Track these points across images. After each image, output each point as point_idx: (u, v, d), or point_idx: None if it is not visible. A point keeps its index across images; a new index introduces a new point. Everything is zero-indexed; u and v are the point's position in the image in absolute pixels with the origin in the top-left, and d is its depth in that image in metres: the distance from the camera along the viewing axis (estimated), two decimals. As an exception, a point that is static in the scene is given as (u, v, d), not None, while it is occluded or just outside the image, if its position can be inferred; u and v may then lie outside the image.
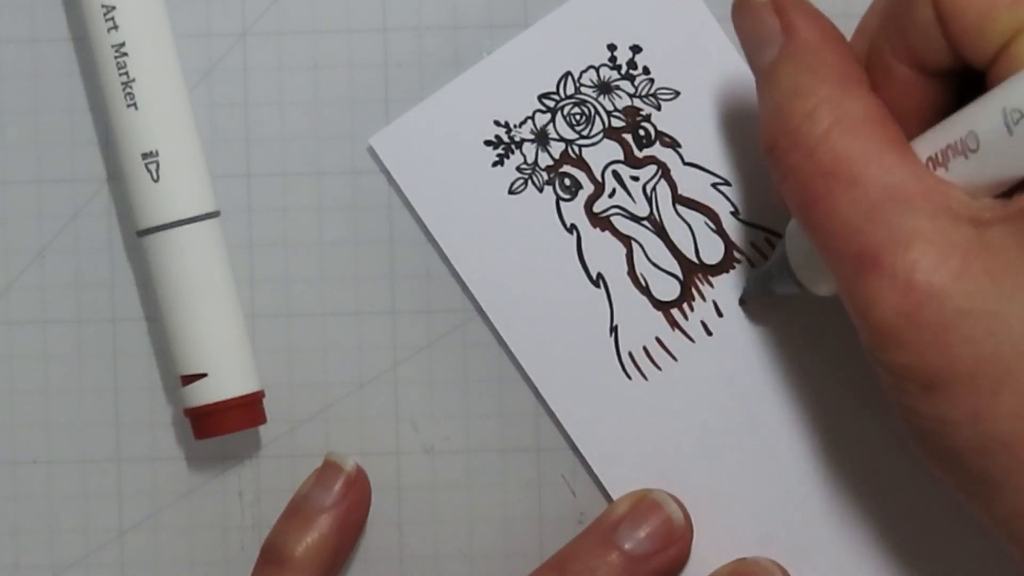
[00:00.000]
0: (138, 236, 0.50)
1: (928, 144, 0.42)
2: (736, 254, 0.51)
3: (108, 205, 0.52)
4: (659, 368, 0.51)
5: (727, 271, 0.51)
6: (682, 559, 0.50)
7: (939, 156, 0.42)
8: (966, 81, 0.42)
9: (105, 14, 0.49)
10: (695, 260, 0.51)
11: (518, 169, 0.51)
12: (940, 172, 0.42)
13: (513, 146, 0.51)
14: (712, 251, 0.51)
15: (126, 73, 0.49)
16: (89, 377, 0.52)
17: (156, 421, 0.52)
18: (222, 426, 0.50)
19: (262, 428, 0.52)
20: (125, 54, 0.49)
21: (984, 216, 0.40)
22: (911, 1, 0.42)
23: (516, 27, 0.51)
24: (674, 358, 0.51)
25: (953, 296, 0.40)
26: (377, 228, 0.51)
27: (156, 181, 0.49)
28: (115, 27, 0.49)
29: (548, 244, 0.51)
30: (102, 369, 0.52)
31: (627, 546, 0.49)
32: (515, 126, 0.51)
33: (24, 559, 0.52)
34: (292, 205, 0.52)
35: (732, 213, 0.51)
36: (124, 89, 0.49)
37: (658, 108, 0.51)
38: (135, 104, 0.49)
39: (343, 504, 0.50)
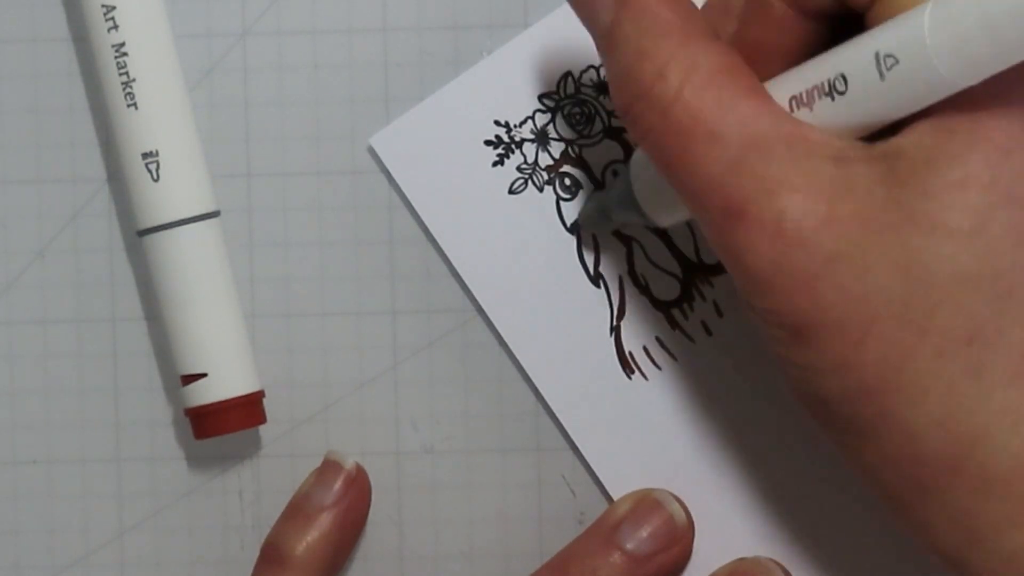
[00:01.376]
0: (138, 236, 0.50)
1: (793, 83, 0.41)
2: None
3: (108, 205, 0.52)
4: (659, 368, 0.51)
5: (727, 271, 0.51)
6: (684, 559, 0.50)
7: (804, 96, 0.41)
8: (843, 24, 0.42)
9: (105, 14, 0.49)
10: (695, 260, 0.51)
11: (518, 169, 0.51)
12: (803, 112, 0.41)
13: (513, 146, 0.51)
14: (712, 251, 0.51)
15: (126, 73, 0.49)
16: (89, 377, 0.52)
17: (156, 421, 0.52)
18: (222, 426, 0.50)
19: (262, 428, 0.52)
20: (125, 54, 0.49)
21: (848, 155, 0.40)
22: None
23: (516, 27, 0.51)
24: (674, 358, 0.51)
25: (822, 242, 0.40)
26: (377, 228, 0.51)
27: (156, 181, 0.49)
28: (115, 27, 0.49)
29: (548, 244, 0.51)
30: (102, 369, 0.52)
31: (629, 546, 0.49)
32: (515, 126, 0.51)
33: (24, 559, 0.52)
34: (292, 205, 0.52)
35: None
36: (124, 89, 0.49)
37: None
38: (135, 104, 0.49)
39: (343, 503, 0.50)
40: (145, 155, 0.49)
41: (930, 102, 0.39)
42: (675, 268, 0.51)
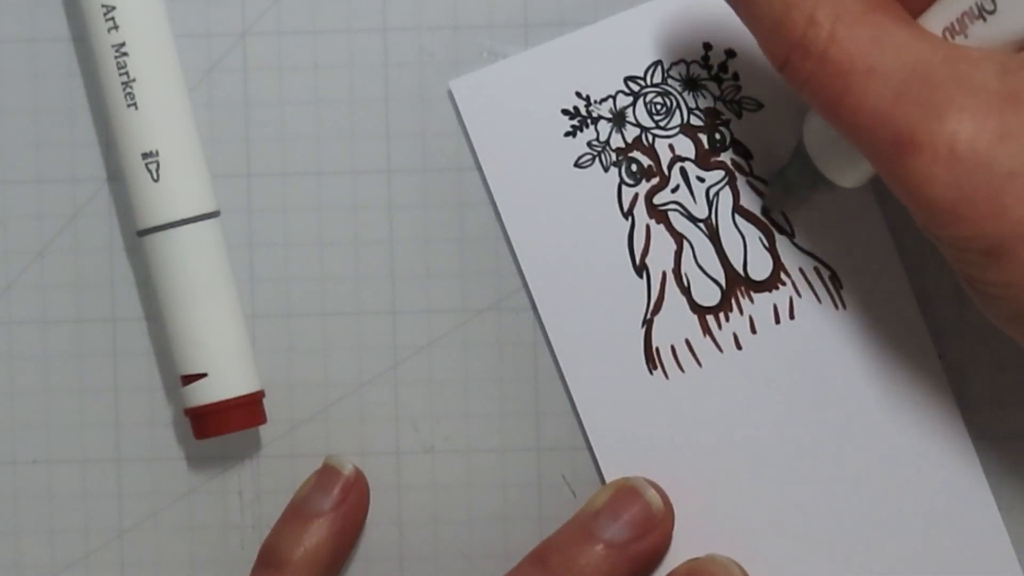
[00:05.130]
0: (138, 236, 0.50)
1: (943, 15, 0.42)
2: (783, 275, 0.51)
3: (108, 205, 0.52)
4: (682, 370, 0.51)
5: (770, 290, 0.51)
6: (662, 545, 0.50)
7: (955, 25, 0.42)
8: None
9: (105, 14, 0.49)
10: (741, 272, 0.51)
11: (589, 144, 0.51)
12: (959, 40, 0.42)
13: (589, 120, 0.51)
14: (760, 267, 0.51)
15: (126, 73, 0.49)
16: (89, 377, 0.52)
17: (156, 421, 0.52)
18: (222, 426, 0.50)
19: (262, 428, 0.52)
20: (125, 54, 0.49)
21: (1010, 67, 0.40)
22: None
23: (516, 27, 0.51)
24: (699, 363, 0.51)
25: (999, 158, 0.40)
26: (377, 228, 0.51)
27: (156, 181, 0.49)
28: (115, 27, 0.49)
29: (602, 224, 0.51)
30: (102, 369, 0.52)
31: (606, 535, 0.49)
32: (595, 101, 0.51)
33: (24, 559, 0.52)
34: (292, 205, 0.52)
35: (787, 235, 0.51)
36: (124, 89, 0.49)
37: (739, 116, 0.51)
38: (135, 104, 0.49)
39: (341, 508, 0.50)
40: (145, 155, 0.49)
41: None
42: (720, 276, 0.51)
